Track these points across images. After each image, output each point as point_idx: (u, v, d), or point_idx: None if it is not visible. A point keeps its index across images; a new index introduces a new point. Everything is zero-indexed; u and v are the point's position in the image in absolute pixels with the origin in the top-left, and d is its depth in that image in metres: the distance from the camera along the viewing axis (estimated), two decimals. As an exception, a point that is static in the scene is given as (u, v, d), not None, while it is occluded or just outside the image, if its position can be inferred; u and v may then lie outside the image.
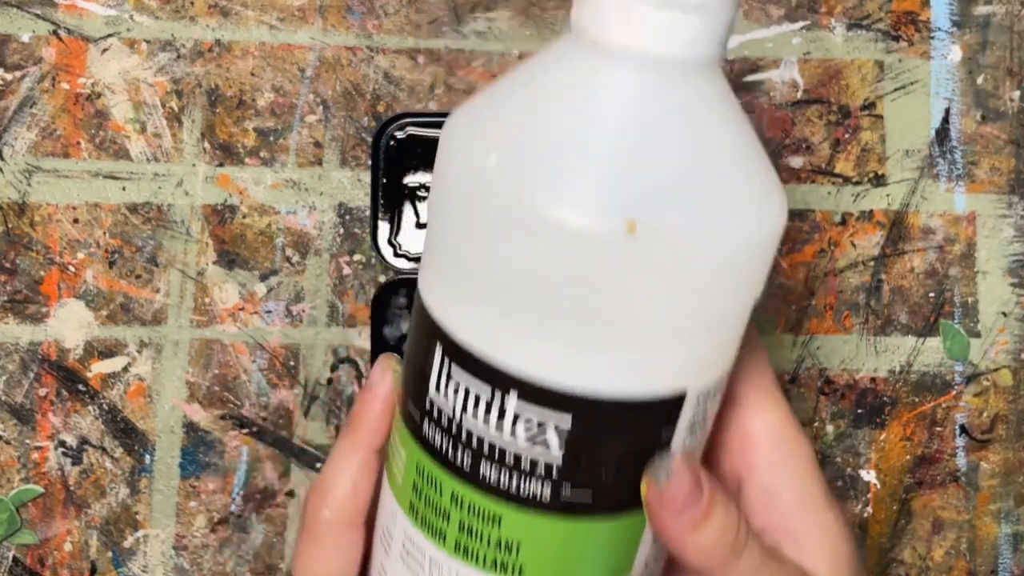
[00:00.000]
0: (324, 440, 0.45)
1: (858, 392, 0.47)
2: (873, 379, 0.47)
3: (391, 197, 0.46)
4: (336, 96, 0.47)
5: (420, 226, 0.46)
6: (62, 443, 0.45)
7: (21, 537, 0.45)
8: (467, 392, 0.24)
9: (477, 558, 0.26)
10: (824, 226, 0.46)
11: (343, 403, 0.45)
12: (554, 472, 0.24)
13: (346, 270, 0.46)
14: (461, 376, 0.24)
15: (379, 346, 0.44)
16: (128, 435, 0.45)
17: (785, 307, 0.46)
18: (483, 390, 0.24)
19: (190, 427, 0.45)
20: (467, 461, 0.25)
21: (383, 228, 0.45)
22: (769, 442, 0.28)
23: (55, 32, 0.47)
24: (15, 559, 0.45)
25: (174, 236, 0.46)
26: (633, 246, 0.22)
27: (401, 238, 0.45)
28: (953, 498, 0.47)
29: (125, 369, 0.46)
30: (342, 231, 0.46)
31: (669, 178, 0.22)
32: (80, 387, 0.45)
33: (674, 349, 0.24)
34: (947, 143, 0.47)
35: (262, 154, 0.46)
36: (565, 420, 0.24)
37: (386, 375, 0.28)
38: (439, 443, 0.25)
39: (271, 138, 0.47)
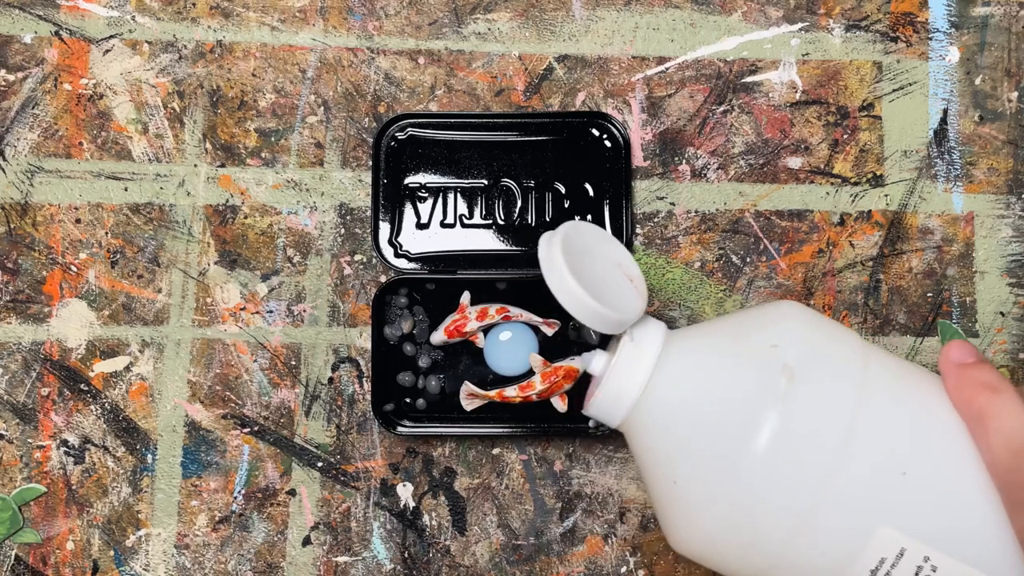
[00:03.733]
0: (325, 439, 0.45)
1: (857, 391, 0.47)
2: (871, 379, 0.47)
3: (392, 197, 0.46)
4: (337, 97, 0.47)
5: (420, 226, 0.46)
6: (64, 442, 0.45)
7: (23, 536, 0.45)
8: None
9: None
10: (822, 226, 0.46)
11: (344, 403, 0.46)
12: None
13: (347, 270, 0.46)
14: None
15: (380, 346, 0.45)
16: (130, 434, 0.45)
17: (784, 307, 0.46)
18: None
19: (192, 426, 0.45)
20: None
21: (384, 228, 0.46)
22: None
23: (57, 33, 0.47)
24: (17, 558, 0.45)
25: (176, 236, 0.46)
26: None
27: (402, 238, 0.46)
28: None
29: (127, 368, 0.46)
30: (343, 231, 0.46)
31: None
32: (82, 386, 0.46)
33: None
34: (945, 144, 0.47)
35: (263, 154, 0.47)
36: None
37: None
38: None
39: (272, 139, 0.47)
